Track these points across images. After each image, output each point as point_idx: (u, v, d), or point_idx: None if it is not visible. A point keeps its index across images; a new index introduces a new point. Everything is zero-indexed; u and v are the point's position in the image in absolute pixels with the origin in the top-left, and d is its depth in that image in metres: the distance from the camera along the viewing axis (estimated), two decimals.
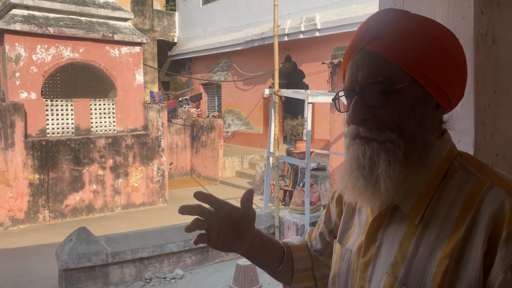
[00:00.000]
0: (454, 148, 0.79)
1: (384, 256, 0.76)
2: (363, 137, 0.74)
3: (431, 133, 0.75)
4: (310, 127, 6.12)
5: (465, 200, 0.70)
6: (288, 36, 11.76)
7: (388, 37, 0.74)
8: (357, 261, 0.81)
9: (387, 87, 0.72)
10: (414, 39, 0.73)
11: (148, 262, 5.30)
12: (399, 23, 0.75)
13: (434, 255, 0.69)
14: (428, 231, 0.72)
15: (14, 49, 7.79)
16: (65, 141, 8.19)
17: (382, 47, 0.73)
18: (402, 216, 0.75)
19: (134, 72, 9.11)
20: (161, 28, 17.10)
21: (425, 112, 0.74)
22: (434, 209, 0.73)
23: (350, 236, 0.88)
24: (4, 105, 7.59)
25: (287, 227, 6.09)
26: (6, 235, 7.30)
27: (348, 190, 0.78)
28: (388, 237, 0.76)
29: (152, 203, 9.25)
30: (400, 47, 0.73)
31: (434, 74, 0.73)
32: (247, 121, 14.36)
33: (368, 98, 0.74)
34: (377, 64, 0.73)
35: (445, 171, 0.75)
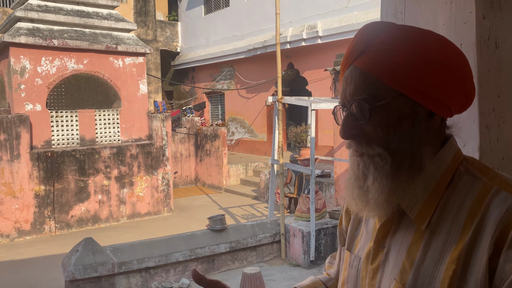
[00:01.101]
0: (459, 153, 0.79)
1: (392, 262, 0.76)
2: (357, 151, 0.77)
3: (423, 143, 0.75)
4: (314, 133, 6.12)
5: (472, 205, 0.70)
6: (290, 44, 11.81)
7: (373, 52, 0.74)
8: (366, 268, 0.82)
9: (370, 104, 0.73)
10: (399, 52, 0.73)
11: (154, 271, 5.29)
12: (383, 37, 0.75)
13: (441, 261, 0.69)
14: (435, 237, 0.72)
15: (19, 61, 7.87)
16: (70, 152, 8.23)
17: (366, 63, 0.74)
18: (409, 222, 0.76)
19: (138, 82, 9.17)
20: (164, 38, 17.23)
21: (414, 124, 0.74)
22: (441, 214, 0.73)
23: (358, 243, 0.89)
24: (10, 117, 7.65)
25: (292, 235, 6.07)
26: (13, 246, 7.32)
27: (348, 198, 0.81)
28: (396, 244, 0.77)
29: (157, 213, 9.25)
30: (384, 61, 0.73)
31: (423, 84, 0.72)
32: (250, 128, 14.38)
33: (358, 113, 0.75)
34: (362, 81, 0.75)
35: (451, 177, 0.75)
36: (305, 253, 5.88)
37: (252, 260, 6.04)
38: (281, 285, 5.29)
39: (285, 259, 6.17)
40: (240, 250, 5.92)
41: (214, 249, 5.67)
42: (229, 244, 5.79)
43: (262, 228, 6.16)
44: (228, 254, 5.84)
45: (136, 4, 16.36)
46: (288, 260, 6.14)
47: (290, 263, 6.04)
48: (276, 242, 6.22)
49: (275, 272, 5.74)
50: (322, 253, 5.99)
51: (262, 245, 6.11)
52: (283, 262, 6.08)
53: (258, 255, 6.10)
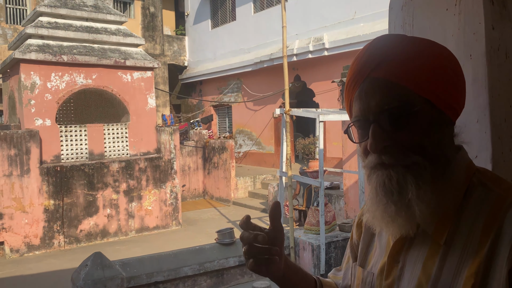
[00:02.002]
0: (472, 164, 0.78)
1: (408, 278, 0.75)
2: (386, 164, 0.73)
3: (450, 150, 0.76)
4: (322, 145, 6.10)
5: (487, 218, 0.69)
6: (296, 56, 11.87)
7: (394, 62, 0.74)
8: (380, 284, 0.80)
9: (405, 111, 0.72)
10: (420, 61, 0.74)
11: (163, 286, 5.26)
12: (401, 47, 0.76)
13: (459, 275, 0.68)
14: (451, 251, 0.71)
15: (29, 77, 7.99)
16: (79, 166, 8.28)
17: (390, 72, 0.74)
18: (424, 237, 0.75)
19: (146, 96, 9.24)
20: (171, 52, 17.42)
21: (441, 130, 0.75)
22: (456, 228, 0.72)
23: (371, 258, 0.88)
24: (20, 133, 7.73)
25: (302, 248, 6.01)
26: (22, 261, 7.33)
27: (377, 220, 0.76)
28: (411, 259, 0.75)
29: (166, 226, 9.23)
30: (408, 69, 0.73)
31: (443, 91, 0.74)
32: (258, 141, 14.39)
33: (386, 124, 0.73)
34: (388, 90, 0.73)
35: (465, 189, 0.74)
36: (315, 267, 5.81)
37: None
38: None
39: None
40: None
41: (223, 263, 5.63)
42: (238, 258, 5.74)
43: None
44: (238, 268, 5.79)
45: (144, 19, 16.60)
46: None
47: None
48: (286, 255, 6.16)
49: None
50: (332, 267, 5.92)
51: None
52: None
53: None
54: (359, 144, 0.79)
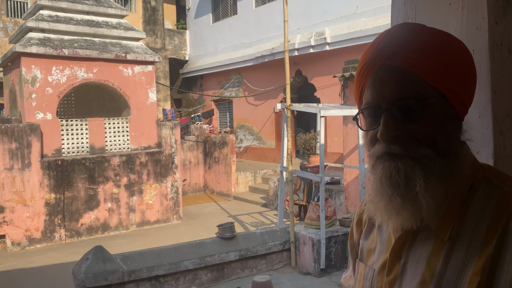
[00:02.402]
0: (476, 161, 0.77)
1: (411, 274, 0.74)
2: (395, 154, 0.71)
3: (460, 145, 0.75)
4: (323, 140, 6.10)
5: (492, 215, 0.68)
6: (298, 51, 11.83)
7: (411, 51, 0.73)
8: (381, 280, 0.80)
9: (420, 102, 0.71)
10: (437, 52, 0.73)
11: (164, 280, 5.28)
12: (420, 37, 0.74)
13: (464, 272, 0.68)
14: (456, 248, 0.70)
15: (30, 71, 7.98)
16: (80, 160, 8.29)
17: (407, 61, 0.72)
18: (428, 233, 0.74)
19: (147, 90, 9.23)
20: (172, 46, 17.37)
21: (453, 124, 0.74)
22: (460, 224, 0.71)
23: (371, 254, 0.87)
24: (21, 126, 7.74)
25: (302, 242, 6.03)
26: (24, 254, 7.36)
27: (379, 211, 0.75)
28: (414, 255, 0.75)
29: (167, 220, 9.26)
30: (425, 60, 0.72)
31: (456, 86, 0.73)
32: (259, 136, 14.38)
33: (399, 114, 0.72)
34: (404, 79, 0.72)
35: (470, 185, 0.73)
36: (315, 261, 5.83)
37: (262, 268, 6.00)
38: None
39: (295, 267, 6.12)
40: (250, 258, 5.89)
41: (224, 257, 5.65)
42: (238, 252, 5.76)
43: (271, 236, 6.13)
44: (238, 262, 5.82)
45: (145, 13, 16.54)
46: (298, 268, 6.10)
47: (300, 271, 5.99)
48: (286, 250, 6.18)
49: (285, 280, 5.69)
50: (332, 261, 5.94)
51: (272, 253, 6.07)
52: (293, 270, 6.03)
53: (268, 263, 6.06)
54: (366, 133, 0.77)
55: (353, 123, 6.93)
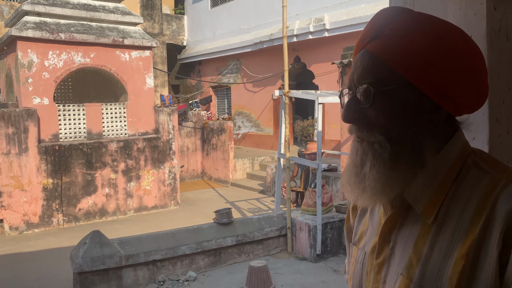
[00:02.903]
0: (467, 146, 0.77)
1: (398, 257, 0.75)
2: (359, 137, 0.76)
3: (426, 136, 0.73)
4: (321, 127, 6.10)
5: (479, 199, 0.69)
6: (297, 37, 11.75)
7: (386, 37, 0.73)
8: (371, 263, 0.81)
9: (375, 88, 0.72)
10: (413, 39, 0.71)
11: (161, 264, 5.33)
12: (398, 22, 0.73)
13: (449, 256, 0.68)
14: (442, 231, 0.70)
15: (26, 55, 7.91)
16: (77, 145, 8.28)
17: (378, 47, 0.73)
18: (416, 217, 0.74)
19: (144, 76, 9.18)
20: (170, 31, 17.22)
21: (417, 115, 0.72)
22: (448, 208, 0.71)
23: (363, 237, 0.88)
24: (18, 111, 7.70)
25: (299, 228, 6.08)
26: (21, 239, 7.40)
27: (345, 185, 0.80)
28: (402, 238, 0.76)
29: (164, 206, 9.30)
30: (396, 47, 0.71)
31: (431, 75, 0.70)
32: (257, 122, 14.37)
33: (357, 98, 0.74)
34: (370, 64, 0.73)
35: (459, 170, 0.74)
36: (311, 247, 5.89)
37: (258, 254, 6.06)
38: (287, 279, 5.31)
39: (292, 252, 6.18)
40: (247, 244, 5.94)
41: (221, 242, 5.69)
42: (235, 237, 5.81)
43: (268, 222, 6.17)
44: (235, 247, 5.87)
45: None
46: (294, 253, 6.15)
47: (296, 256, 6.05)
48: (283, 235, 6.23)
49: (282, 265, 5.75)
50: (328, 247, 6.00)
51: (269, 239, 6.12)
52: (290, 256, 6.09)
53: (264, 248, 6.12)
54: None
55: None
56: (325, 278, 5.32)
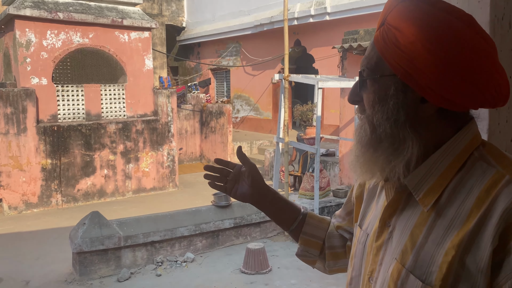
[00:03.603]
0: (477, 138, 0.76)
1: (396, 242, 0.77)
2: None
3: (410, 128, 0.73)
4: (320, 112, 6.09)
5: (480, 192, 0.69)
6: (297, 20, 11.64)
7: (386, 25, 0.73)
8: (371, 245, 0.83)
9: (364, 76, 0.77)
10: (407, 30, 0.69)
11: (159, 245, 5.39)
12: (399, 10, 0.72)
13: (442, 245, 0.69)
14: (439, 220, 0.71)
15: (24, 34, 7.83)
16: (76, 126, 8.27)
17: (376, 37, 0.75)
18: (416, 204, 0.76)
19: (143, 57, 9.12)
20: (169, 12, 17.02)
21: (398, 106, 0.73)
22: (448, 198, 0.72)
23: (367, 219, 0.90)
24: (16, 91, 7.66)
25: None
26: (21, 218, 7.45)
27: (355, 158, 0.85)
28: (401, 224, 0.77)
29: (163, 188, 9.35)
30: (387, 37, 0.72)
31: (416, 69, 0.69)
32: (256, 106, 14.34)
33: (358, 82, 0.80)
34: (369, 52, 0.78)
35: (464, 161, 0.73)
36: None
37: (256, 236, 6.13)
38: (284, 261, 5.38)
39: (288, 236, 6.25)
40: (244, 226, 6.00)
41: (219, 224, 5.75)
42: (233, 220, 5.86)
43: None
44: (233, 229, 5.93)
45: None
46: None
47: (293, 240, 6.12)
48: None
49: (279, 248, 5.82)
50: None
51: (266, 222, 6.18)
52: (287, 239, 6.16)
53: (262, 231, 6.18)
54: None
55: None
56: None
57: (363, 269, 0.85)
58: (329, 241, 1.08)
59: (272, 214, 1.11)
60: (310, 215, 1.12)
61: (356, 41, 6.69)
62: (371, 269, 0.82)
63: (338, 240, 1.07)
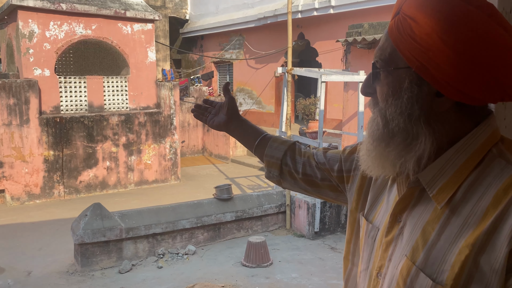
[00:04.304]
0: (496, 134, 0.73)
1: (406, 238, 0.75)
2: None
3: (425, 122, 0.71)
4: (323, 106, 6.07)
5: (498, 191, 0.67)
6: (301, 13, 11.56)
7: (401, 15, 0.71)
8: (381, 240, 0.82)
9: (377, 69, 0.75)
10: (423, 21, 0.67)
11: (161, 238, 5.40)
12: (414, 1, 0.70)
13: (455, 244, 0.67)
14: (453, 218, 0.69)
15: (27, 25, 7.81)
16: (78, 118, 8.27)
17: (390, 27, 0.73)
18: (429, 200, 0.74)
19: (146, 49, 9.09)
20: (173, 4, 16.94)
21: (413, 100, 0.71)
22: (464, 196, 0.70)
23: (377, 213, 0.88)
24: (19, 82, 7.66)
25: (298, 206, 6.14)
26: (23, 209, 7.48)
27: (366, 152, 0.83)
28: (412, 220, 0.75)
29: (165, 180, 9.36)
30: (402, 28, 0.70)
31: (432, 63, 0.67)
32: (258, 100, 14.30)
33: (371, 74, 0.78)
34: (382, 43, 0.76)
35: (482, 158, 0.71)
36: (309, 224, 5.96)
37: (257, 230, 6.13)
38: (285, 255, 5.39)
39: (290, 229, 6.26)
40: (246, 220, 6.01)
41: (220, 217, 5.75)
42: (235, 213, 5.87)
43: (267, 199, 6.22)
44: (234, 223, 5.94)
45: None
46: (292, 230, 6.23)
47: (294, 233, 6.13)
48: (282, 212, 6.29)
49: (280, 241, 5.83)
50: (326, 225, 6.07)
51: (268, 215, 6.19)
52: (288, 232, 6.17)
53: (263, 224, 6.19)
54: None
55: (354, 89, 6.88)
56: (322, 255, 5.40)
57: (371, 264, 0.84)
58: (293, 162, 1.11)
59: (239, 136, 1.22)
60: (273, 139, 1.18)
61: (360, 35, 6.64)
62: (380, 264, 0.80)
63: (309, 168, 1.08)
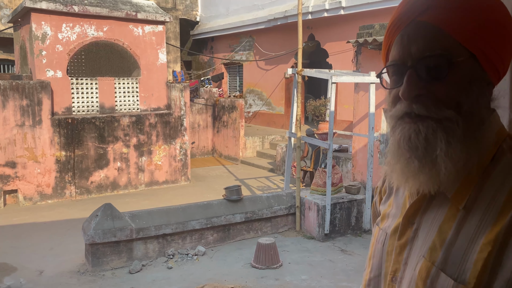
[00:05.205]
0: (503, 130, 0.74)
1: (422, 239, 0.74)
2: (416, 115, 0.70)
3: (486, 111, 0.72)
4: (333, 107, 6.04)
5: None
6: (311, 15, 11.54)
7: (443, 8, 0.69)
8: (392, 243, 0.80)
9: (446, 61, 0.68)
10: (471, 10, 0.69)
11: (171, 238, 5.42)
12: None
13: (475, 241, 0.66)
14: (470, 216, 0.68)
15: (40, 27, 7.91)
16: (90, 119, 8.35)
17: (438, 18, 0.69)
18: (443, 200, 0.73)
19: (157, 51, 9.14)
20: (183, 6, 17.04)
21: (481, 89, 0.70)
22: (478, 193, 0.69)
23: (385, 217, 0.87)
24: (32, 83, 7.75)
25: (308, 208, 6.11)
26: (35, 209, 7.57)
27: (395, 173, 0.74)
28: (427, 221, 0.74)
29: (175, 181, 9.39)
30: (457, 18, 0.68)
31: (489, 48, 0.69)
32: (268, 101, 14.30)
33: (424, 72, 0.69)
34: (433, 36, 0.69)
35: (494, 154, 0.71)
36: (319, 226, 5.92)
37: (267, 231, 6.12)
38: (295, 256, 5.36)
39: (300, 231, 6.23)
40: (255, 221, 6.00)
41: (230, 218, 5.75)
42: (244, 214, 5.86)
43: (277, 200, 6.20)
44: (244, 224, 5.93)
45: None
46: (302, 232, 6.20)
47: (304, 235, 6.10)
48: (291, 214, 6.27)
49: (289, 243, 5.81)
50: (336, 227, 6.03)
51: (277, 217, 6.17)
52: (298, 234, 6.14)
53: (273, 226, 6.17)
54: (389, 92, 0.75)
55: (365, 91, 6.84)
56: (332, 257, 5.37)
57: (383, 269, 0.82)
58: None
59: None
60: None
61: (371, 36, 6.60)
62: (394, 268, 0.78)
63: None
